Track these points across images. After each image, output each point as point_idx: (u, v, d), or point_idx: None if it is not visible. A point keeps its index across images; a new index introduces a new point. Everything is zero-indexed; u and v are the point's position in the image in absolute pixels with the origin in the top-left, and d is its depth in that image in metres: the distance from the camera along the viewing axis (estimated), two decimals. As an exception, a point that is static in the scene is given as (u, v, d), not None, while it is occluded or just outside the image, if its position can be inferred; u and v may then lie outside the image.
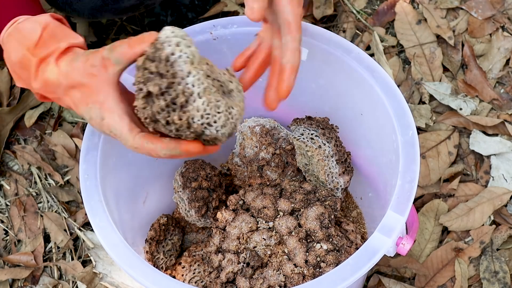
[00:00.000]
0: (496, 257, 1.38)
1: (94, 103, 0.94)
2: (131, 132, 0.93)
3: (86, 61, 0.93)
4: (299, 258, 1.07)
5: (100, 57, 0.93)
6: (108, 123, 0.94)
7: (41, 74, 0.96)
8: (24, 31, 0.97)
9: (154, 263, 1.23)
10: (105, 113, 0.94)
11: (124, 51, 0.92)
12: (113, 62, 0.93)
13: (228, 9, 1.69)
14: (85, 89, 0.94)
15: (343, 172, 1.18)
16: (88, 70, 0.93)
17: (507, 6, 1.68)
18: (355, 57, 1.11)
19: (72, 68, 0.94)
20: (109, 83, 0.94)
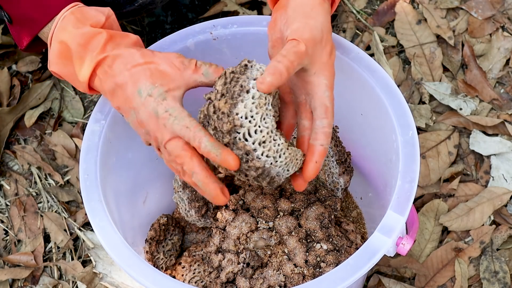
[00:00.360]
0: (496, 257, 1.38)
1: (162, 85, 0.94)
2: (190, 116, 0.92)
3: (179, 56, 0.97)
4: (299, 258, 1.07)
5: (194, 62, 0.96)
6: (168, 103, 0.93)
7: (111, 47, 0.96)
8: (87, 13, 0.98)
9: (154, 263, 1.23)
10: (169, 97, 0.94)
11: (218, 71, 0.97)
12: (202, 72, 0.96)
13: (228, 9, 1.69)
14: (160, 73, 0.95)
15: (343, 172, 1.18)
16: (176, 62, 0.96)
17: (507, 6, 1.68)
18: (355, 57, 1.11)
19: (155, 53, 0.97)
20: (186, 83, 0.96)
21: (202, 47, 1.17)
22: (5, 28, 1.71)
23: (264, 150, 0.91)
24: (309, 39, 0.93)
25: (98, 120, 1.08)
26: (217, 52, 1.19)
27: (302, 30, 0.93)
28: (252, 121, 0.90)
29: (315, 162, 0.95)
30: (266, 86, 0.88)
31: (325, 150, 0.95)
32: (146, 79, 0.94)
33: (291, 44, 0.92)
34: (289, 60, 0.90)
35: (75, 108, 1.63)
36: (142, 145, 1.07)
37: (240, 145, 0.90)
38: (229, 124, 0.89)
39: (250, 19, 1.17)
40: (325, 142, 0.95)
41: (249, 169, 0.91)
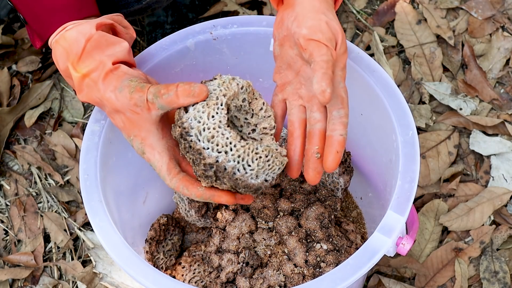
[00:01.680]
0: (496, 257, 1.38)
1: (136, 136, 0.98)
2: (169, 173, 0.97)
3: (131, 99, 0.95)
4: (299, 258, 1.07)
5: (144, 99, 0.95)
6: (148, 158, 0.98)
7: (86, 90, 0.99)
8: (70, 41, 1.00)
9: (154, 263, 1.23)
10: (146, 148, 0.98)
11: (170, 101, 0.94)
12: (158, 107, 0.95)
13: (228, 9, 1.69)
14: (128, 122, 0.97)
15: (343, 172, 1.18)
16: (131, 107, 0.96)
17: (507, 6, 1.68)
18: (355, 57, 1.11)
19: (116, 97, 0.96)
20: (152, 122, 0.97)
21: (202, 47, 1.17)
22: (5, 28, 1.71)
23: (213, 146, 0.92)
24: (327, 37, 0.94)
25: (98, 120, 1.08)
26: (217, 52, 1.19)
27: (318, 27, 0.95)
28: (200, 120, 0.92)
29: (337, 152, 0.94)
30: (328, 96, 0.90)
31: (344, 139, 0.95)
32: (123, 130, 1.00)
33: (319, 52, 0.93)
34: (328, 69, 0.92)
35: (75, 108, 1.63)
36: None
37: (192, 145, 0.93)
38: (179, 128, 0.93)
39: (250, 19, 1.17)
40: (344, 132, 0.95)
41: (206, 170, 0.93)
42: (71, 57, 0.99)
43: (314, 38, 0.94)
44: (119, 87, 0.96)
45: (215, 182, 0.94)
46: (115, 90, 0.96)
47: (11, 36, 1.70)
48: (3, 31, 1.69)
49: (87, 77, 0.98)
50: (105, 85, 0.97)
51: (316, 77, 0.91)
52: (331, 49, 0.94)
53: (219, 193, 0.96)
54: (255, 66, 1.23)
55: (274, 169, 0.96)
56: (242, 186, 0.94)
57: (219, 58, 1.20)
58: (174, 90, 0.93)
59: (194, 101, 0.93)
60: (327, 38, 0.94)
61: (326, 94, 0.90)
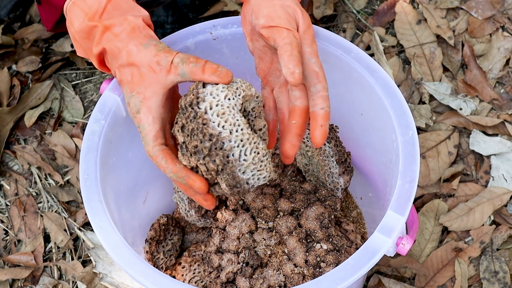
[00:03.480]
0: (496, 257, 1.38)
1: (139, 93, 0.96)
2: (154, 140, 0.95)
3: (155, 55, 0.95)
4: (299, 258, 1.07)
5: (170, 61, 0.95)
6: (140, 118, 0.96)
7: (105, 42, 0.98)
8: (89, 1, 0.99)
9: (154, 263, 1.23)
10: (143, 108, 0.96)
11: (195, 72, 0.94)
12: (179, 72, 0.95)
13: (228, 9, 1.69)
14: (138, 77, 0.96)
15: (343, 172, 1.18)
16: (152, 64, 0.95)
17: (507, 6, 1.68)
18: (355, 57, 1.11)
19: (138, 51, 0.96)
20: (163, 85, 0.96)
21: (202, 47, 1.17)
22: (5, 28, 1.71)
23: (221, 121, 0.92)
24: (285, 20, 0.95)
25: (98, 120, 1.08)
26: (217, 52, 1.19)
27: (274, 13, 0.95)
28: (216, 97, 0.93)
29: (321, 126, 0.94)
30: (298, 77, 0.90)
31: (326, 112, 0.94)
32: (127, 84, 0.98)
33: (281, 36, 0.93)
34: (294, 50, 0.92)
35: (75, 108, 1.63)
36: (142, 145, 1.07)
37: (199, 115, 0.92)
38: (192, 96, 0.93)
39: (250, 19, 1.17)
40: (325, 105, 0.94)
41: (203, 141, 0.92)
42: (90, 15, 0.98)
43: (272, 25, 0.94)
44: (145, 44, 0.96)
45: (203, 159, 0.92)
46: (139, 45, 0.96)
47: (11, 36, 1.70)
48: (3, 31, 1.69)
49: (109, 30, 0.98)
50: (130, 38, 0.97)
51: (283, 60, 0.91)
52: (292, 31, 0.94)
53: (194, 176, 0.94)
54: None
55: (261, 174, 0.95)
56: (227, 172, 0.92)
57: (219, 58, 1.20)
58: (202, 63, 0.94)
59: (216, 81, 0.93)
60: (285, 21, 0.94)
61: (296, 75, 0.90)
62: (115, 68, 0.99)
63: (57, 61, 1.68)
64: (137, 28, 0.98)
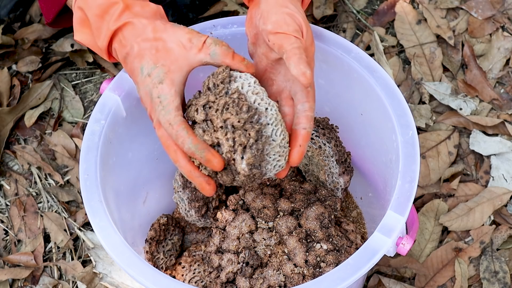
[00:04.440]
0: (496, 257, 1.38)
1: (163, 66, 0.94)
2: (176, 110, 0.93)
3: (188, 32, 0.95)
4: (299, 258, 1.07)
5: (202, 40, 0.95)
6: (163, 88, 0.94)
7: (126, 17, 0.96)
8: None
9: (154, 263, 1.23)
10: (166, 79, 0.94)
11: (225, 54, 0.95)
12: (210, 52, 0.95)
13: (228, 9, 1.69)
14: (164, 51, 0.95)
15: (343, 172, 1.18)
16: (183, 40, 0.95)
17: (507, 6, 1.68)
18: (355, 57, 1.11)
19: (166, 28, 0.95)
20: (190, 63, 0.95)
21: (202, 47, 1.17)
22: (5, 28, 1.71)
23: (257, 98, 0.94)
24: (293, 29, 0.95)
25: (98, 120, 1.08)
26: (217, 52, 1.19)
27: (283, 20, 0.95)
28: (246, 80, 0.94)
29: (299, 146, 0.95)
30: (310, 77, 0.91)
31: (307, 133, 0.95)
32: (150, 57, 0.96)
33: (289, 41, 0.93)
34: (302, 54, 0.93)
35: (75, 108, 1.63)
36: (142, 145, 1.08)
37: (233, 91, 0.93)
38: (225, 74, 0.94)
39: (250, 19, 1.17)
40: (307, 126, 0.95)
41: (241, 111, 0.92)
42: None
43: (280, 31, 0.94)
44: (175, 25, 0.97)
45: (233, 132, 0.92)
46: (166, 24, 0.96)
47: (11, 36, 1.70)
48: (3, 31, 1.69)
49: (129, 10, 0.97)
50: (154, 19, 0.97)
51: (293, 62, 0.91)
52: (300, 39, 0.94)
53: (214, 151, 0.93)
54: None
55: (279, 161, 0.96)
56: (258, 147, 0.92)
57: (219, 58, 1.20)
58: (232, 51, 0.96)
59: (242, 69, 0.95)
60: (293, 30, 0.95)
61: (308, 75, 0.90)
62: (134, 42, 0.96)
63: (57, 61, 1.68)
64: (159, 13, 0.98)
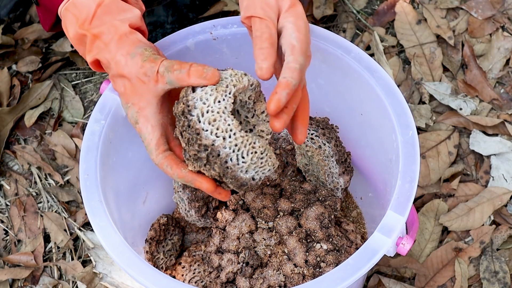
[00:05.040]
0: (496, 257, 1.38)
1: (134, 104, 0.97)
2: (157, 149, 0.97)
3: (141, 67, 0.95)
4: (299, 258, 1.07)
5: (155, 70, 0.94)
6: (140, 128, 0.97)
7: (95, 51, 0.99)
8: (79, 7, 0.99)
9: (154, 263, 1.23)
10: (140, 118, 0.97)
11: (180, 78, 0.94)
12: (167, 81, 0.95)
13: (228, 9, 1.69)
14: (130, 88, 0.97)
15: (343, 172, 1.18)
16: (140, 75, 0.95)
17: (507, 6, 1.68)
18: (355, 57, 1.11)
19: (126, 62, 0.96)
20: (154, 94, 0.96)
21: (202, 47, 1.17)
22: (5, 28, 1.71)
23: (213, 129, 0.92)
24: (258, 10, 0.95)
25: (98, 120, 1.08)
26: (217, 52, 1.19)
27: (252, 4, 0.96)
28: (206, 102, 0.92)
29: (275, 93, 0.90)
30: (266, 71, 0.91)
31: (287, 82, 0.91)
32: (121, 95, 0.99)
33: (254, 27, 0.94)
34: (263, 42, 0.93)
35: (75, 108, 1.63)
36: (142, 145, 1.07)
37: (192, 124, 0.92)
38: (182, 105, 0.93)
39: (250, 19, 1.17)
40: (288, 75, 0.91)
41: (199, 151, 0.92)
42: (80, 21, 0.99)
43: (248, 15, 0.96)
44: (131, 53, 0.96)
45: (204, 166, 0.93)
46: (126, 55, 0.96)
47: (11, 36, 1.70)
48: (3, 31, 1.69)
49: (98, 39, 0.98)
50: (117, 47, 0.97)
51: (254, 55, 0.92)
52: (265, 20, 0.94)
53: (201, 179, 0.95)
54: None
55: (264, 169, 0.96)
56: (230, 176, 0.93)
57: (219, 58, 1.20)
58: (187, 68, 0.93)
59: (204, 83, 0.93)
60: (259, 10, 0.95)
61: (263, 70, 0.91)
62: (110, 77, 1.00)
63: (57, 61, 1.68)
64: (124, 35, 0.98)
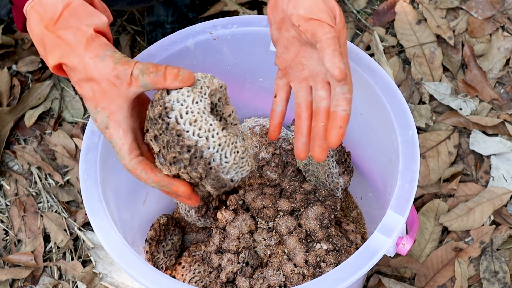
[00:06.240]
0: (496, 257, 1.38)
1: (104, 109, 0.93)
2: (130, 154, 0.94)
3: (113, 69, 0.92)
4: (299, 258, 1.07)
5: (129, 73, 0.92)
6: (111, 133, 0.94)
7: (59, 52, 0.94)
8: (46, 6, 0.95)
9: (154, 263, 1.23)
10: (111, 123, 0.93)
11: (156, 81, 0.92)
12: (141, 84, 0.92)
13: (228, 9, 1.69)
14: (100, 92, 0.93)
15: (343, 172, 1.18)
16: (111, 78, 0.92)
17: (507, 6, 1.68)
18: (355, 57, 1.11)
19: (95, 65, 0.92)
20: (126, 98, 0.93)
21: (202, 47, 1.17)
22: (5, 28, 1.71)
23: (195, 129, 0.90)
24: (327, 15, 0.93)
25: (98, 120, 1.08)
26: (217, 52, 1.19)
27: (316, 6, 0.94)
28: (184, 103, 0.91)
29: (340, 127, 0.92)
30: (344, 72, 0.90)
31: (347, 115, 0.92)
32: (90, 100, 0.94)
33: (323, 30, 0.92)
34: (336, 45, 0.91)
35: (75, 108, 1.63)
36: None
37: (171, 126, 0.91)
38: (160, 107, 0.91)
39: (250, 19, 1.17)
40: (347, 108, 0.92)
41: (181, 152, 0.91)
42: (45, 21, 0.94)
43: (314, 18, 0.93)
44: (101, 56, 0.92)
45: (184, 168, 0.92)
46: (95, 58, 0.92)
47: (11, 36, 1.70)
48: (3, 31, 1.69)
49: (63, 42, 0.93)
50: (85, 50, 0.93)
51: (327, 55, 0.90)
52: (334, 27, 0.93)
53: (177, 183, 0.94)
54: (255, 66, 1.23)
55: (244, 169, 0.95)
56: (212, 177, 0.92)
57: (219, 58, 1.20)
58: (162, 71, 0.91)
59: (179, 86, 0.92)
60: (326, 16, 0.93)
61: (342, 70, 0.89)
62: (74, 82, 0.95)
63: (57, 61, 1.68)
64: (91, 39, 0.94)
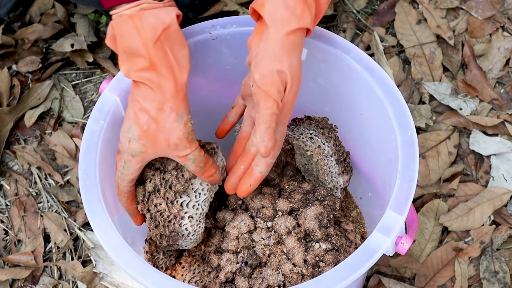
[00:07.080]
0: (496, 257, 1.38)
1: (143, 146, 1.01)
2: (130, 182, 1.06)
3: (179, 139, 0.99)
4: (298, 257, 1.07)
5: (186, 153, 1.00)
6: (131, 161, 1.02)
7: (146, 77, 0.96)
8: (146, 24, 0.96)
9: (154, 263, 1.23)
10: (138, 157, 1.02)
11: (197, 172, 1.03)
12: (185, 164, 1.02)
13: (228, 9, 1.69)
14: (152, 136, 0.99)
15: (342, 172, 1.18)
16: (171, 141, 1.00)
17: (507, 6, 1.68)
18: (354, 57, 1.11)
19: (169, 119, 0.98)
20: (166, 155, 1.02)
21: (202, 47, 1.17)
22: (5, 28, 1.71)
23: (188, 223, 1.04)
24: (275, 90, 0.95)
25: (97, 120, 1.08)
26: (216, 52, 1.19)
27: (269, 78, 0.95)
28: (195, 198, 1.04)
29: (249, 185, 1.03)
30: (269, 151, 0.96)
31: (261, 177, 1.03)
32: (139, 128, 0.99)
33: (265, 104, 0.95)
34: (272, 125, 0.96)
35: (75, 108, 1.63)
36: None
37: (176, 206, 1.03)
38: (181, 187, 1.03)
39: (249, 19, 1.17)
40: (264, 171, 1.02)
41: (165, 227, 1.04)
42: (144, 39, 0.95)
43: (262, 88, 0.95)
44: (179, 114, 0.98)
45: (155, 228, 1.07)
46: (173, 112, 0.98)
47: (11, 36, 1.70)
48: (3, 31, 1.69)
49: (155, 71, 0.96)
50: (168, 97, 0.98)
51: (259, 131, 0.95)
52: (278, 103, 0.95)
53: (138, 218, 1.11)
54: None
55: (196, 243, 1.12)
56: (171, 241, 1.08)
57: (218, 58, 1.20)
58: (207, 167, 1.03)
59: (207, 182, 1.05)
60: (274, 90, 0.95)
61: (268, 149, 0.95)
62: (137, 107, 0.98)
63: (57, 61, 1.68)
64: (181, 90, 0.98)
